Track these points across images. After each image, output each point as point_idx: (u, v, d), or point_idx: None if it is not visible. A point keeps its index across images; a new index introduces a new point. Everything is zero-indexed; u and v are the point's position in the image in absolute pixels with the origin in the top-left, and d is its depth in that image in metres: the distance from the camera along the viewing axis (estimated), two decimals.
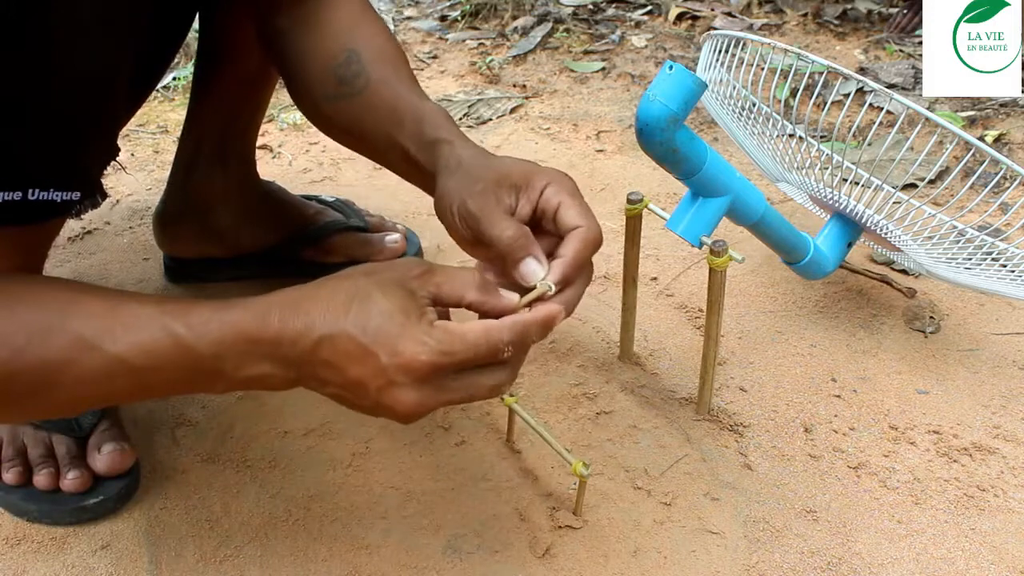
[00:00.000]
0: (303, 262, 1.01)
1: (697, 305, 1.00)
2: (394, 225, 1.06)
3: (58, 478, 0.76)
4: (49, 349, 0.50)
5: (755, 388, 0.89)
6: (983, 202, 1.14)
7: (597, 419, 0.85)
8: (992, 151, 0.76)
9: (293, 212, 1.01)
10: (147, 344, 0.51)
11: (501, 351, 0.53)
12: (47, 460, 0.76)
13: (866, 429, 0.85)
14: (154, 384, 0.53)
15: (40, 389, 0.51)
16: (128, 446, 0.78)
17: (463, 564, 0.72)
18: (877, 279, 1.04)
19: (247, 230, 1.00)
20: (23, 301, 0.51)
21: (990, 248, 0.88)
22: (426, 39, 1.78)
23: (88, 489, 0.75)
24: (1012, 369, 0.92)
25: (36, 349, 0.50)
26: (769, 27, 1.77)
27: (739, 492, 0.78)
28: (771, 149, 0.93)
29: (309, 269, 0.97)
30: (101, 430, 0.78)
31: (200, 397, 0.88)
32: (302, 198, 1.05)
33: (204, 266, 1.02)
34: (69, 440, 0.77)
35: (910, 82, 1.52)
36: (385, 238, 1.00)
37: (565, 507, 0.76)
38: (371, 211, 1.09)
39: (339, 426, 0.84)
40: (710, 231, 0.75)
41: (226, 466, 0.81)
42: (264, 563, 0.72)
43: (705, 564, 0.72)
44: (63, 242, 1.11)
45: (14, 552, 0.73)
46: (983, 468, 0.81)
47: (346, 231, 1.00)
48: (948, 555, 0.73)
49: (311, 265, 1.00)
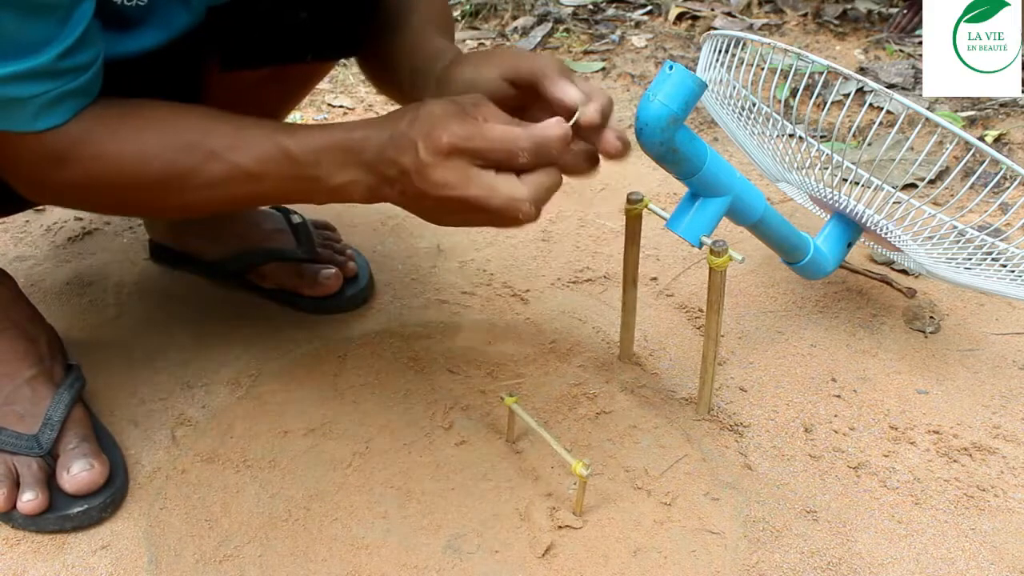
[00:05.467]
0: (246, 281, 1.01)
1: (697, 305, 1.00)
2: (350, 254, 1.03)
3: (15, 499, 0.74)
4: (189, 158, 0.64)
5: (755, 388, 0.89)
6: (983, 202, 1.14)
7: (597, 419, 0.85)
8: (992, 151, 0.76)
9: (243, 231, 1.01)
10: (262, 154, 0.64)
11: (516, 154, 0.60)
12: (3, 481, 0.74)
13: (866, 429, 0.85)
14: (266, 190, 0.66)
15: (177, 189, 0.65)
16: (98, 463, 0.76)
17: (463, 564, 0.72)
18: (877, 279, 1.04)
19: (200, 240, 1.01)
20: (169, 123, 0.65)
21: (990, 248, 0.88)
22: None
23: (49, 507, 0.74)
24: (1012, 369, 0.92)
25: (180, 158, 0.64)
26: (769, 27, 1.77)
27: (739, 492, 0.78)
28: (771, 149, 0.93)
29: (250, 288, 1.01)
30: (70, 447, 0.76)
31: (200, 397, 0.88)
32: (269, 211, 1.04)
33: (178, 257, 1.04)
34: (31, 460, 0.75)
35: (910, 82, 1.52)
36: (320, 271, 0.98)
37: (565, 507, 0.76)
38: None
39: (339, 426, 0.84)
40: (710, 231, 0.75)
41: (226, 466, 0.80)
42: (264, 563, 0.72)
43: (705, 564, 0.72)
44: (63, 242, 1.11)
45: (14, 552, 0.73)
46: (983, 468, 0.81)
47: (281, 260, 0.99)
48: (948, 555, 0.73)
49: (252, 285, 1.01)
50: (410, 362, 0.92)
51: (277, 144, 0.64)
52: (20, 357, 0.80)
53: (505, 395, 0.80)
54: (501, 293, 1.03)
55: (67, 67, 0.60)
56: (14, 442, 0.75)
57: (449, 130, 0.59)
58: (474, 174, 0.60)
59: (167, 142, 0.65)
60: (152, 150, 0.64)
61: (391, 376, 0.90)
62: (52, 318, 0.87)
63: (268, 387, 0.89)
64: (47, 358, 0.82)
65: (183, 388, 0.89)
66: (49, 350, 0.83)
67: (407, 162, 0.61)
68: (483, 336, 0.96)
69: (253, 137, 0.65)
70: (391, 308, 1.00)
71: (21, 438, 0.76)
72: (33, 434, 0.76)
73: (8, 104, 0.60)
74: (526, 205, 0.60)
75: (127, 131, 0.65)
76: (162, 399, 0.88)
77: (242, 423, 0.85)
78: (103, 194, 0.68)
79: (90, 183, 0.66)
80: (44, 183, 0.67)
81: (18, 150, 0.64)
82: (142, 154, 0.64)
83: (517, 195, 0.60)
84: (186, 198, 0.67)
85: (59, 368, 0.82)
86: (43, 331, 0.84)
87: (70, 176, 0.65)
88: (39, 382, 0.79)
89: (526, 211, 0.60)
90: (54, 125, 0.62)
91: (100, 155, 0.64)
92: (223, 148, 0.64)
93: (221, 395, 0.88)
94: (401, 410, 0.86)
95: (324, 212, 1.16)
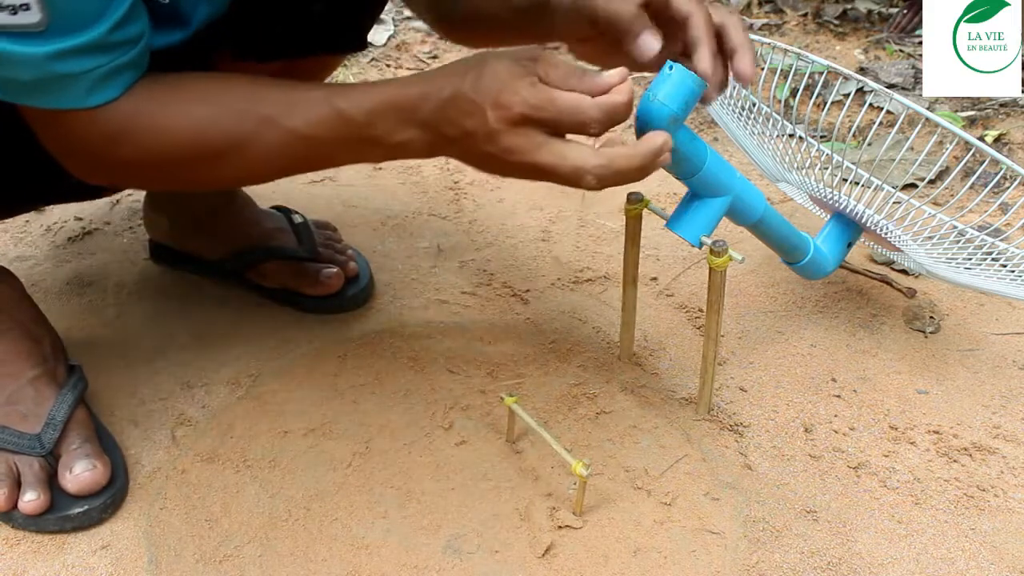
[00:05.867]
0: (245, 280, 1.01)
1: (697, 305, 1.00)
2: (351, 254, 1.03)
3: (16, 499, 0.74)
4: (243, 126, 0.64)
5: (755, 388, 0.89)
6: (983, 202, 1.14)
7: (597, 419, 0.85)
8: (992, 151, 0.76)
9: (244, 229, 1.01)
10: (317, 117, 0.63)
11: (587, 124, 0.60)
12: (4, 481, 0.74)
13: (866, 429, 0.85)
14: (323, 153, 0.66)
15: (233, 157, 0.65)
16: (100, 463, 0.76)
17: (463, 564, 0.72)
18: (877, 279, 1.04)
19: (200, 239, 1.01)
20: (221, 93, 0.66)
21: (990, 248, 0.88)
22: (426, 39, 1.78)
23: (50, 508, 0.74)
24: (1012, 369, 0.92)
25: (234, 127, 0.64)
26: (769, 27, 1.77)
27: (739, 492, 0.78)
28: (771, 149, 0.93)
29: (251, 287, 1.00)
30: (73, 448, 0.76)
31: (200, 397, 0.88)
32: (269, 211, 1.04)
33: (179, 256, 1.04)
34: (33, 460, 0.75)
35: (910, 82, 1.51)
36: (321, 270, 0.98)
37: (565, 507, 0.76)
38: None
39: (339, 426, 0.84)
40: (710, 231, 0.75)
41: (226, 466, 0.80)
42: (264, 563, 0.72)
43: (705, 564, 0.72)
44: (63, 242, 1.11)
45: (14, 552, 0.73)
46: (983, 468, 0.81)
47: (282, 258, 0.99)
48: (948, 555, 0.73)
49: (251, 284, 1.01)
50: (410, 362, 0.92)
51: (331, 106, 0.63)
52: (24, 357, 0.80)
53: (505, 395, 0.80)
54: (501, 293, 1.03)
55: (118, 40, 0.60)
56: (16, 441, 0.76)
57: (520, 97, 0.59)
58: (544, 141, 0.60)
59: (220, 111, 0.65)
60: (206, 120, 0.65)
61: (391, 376, 0.90)
62: (52, 318, 0.87)
63: (268, 387, 0.89)
64: (51, 359, 0.82)
65: (183, 388, 0.89)
66: (53, 351, 0.83)
67: (473, 125, 0.60)
68: (483, 336, 0.96)
69: (305, 100, 0.64)
70: (391, 308, 1.00)
71: (23, 437, 0.76)
72: (35, 434, 0.76)
73: (61, 81, 0.59)
74: (590, 177, 0.60)
75: (179, 103, 0.65)
76: (162, 399, 0.88)
77: (242, 423, 0.85)
78: (159, 168, 0.68)
79: (145, 158, 0.65)
80: (99, 161, 0.67)
81: (71, 129, 0.63)
82: (196, 125, 0.64)
83: (586, 165, 0.60)
84: (241, 166, 0.67)
85: (62, 369, 0.82)
86: (47, 332, 0.85)
87: (125, 152, 0.65)
88: (43, 382, 0.79)
89: (588, 182, 0.61)
90: (107, 100, 0.62)
91: (154, 128, 0.64)
92: (276, 113, 0.64)
93: (221, 395, 0.88)
94: (401, 410, 0.86)
95: (325, 212, 1.16)
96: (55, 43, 0.57)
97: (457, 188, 1.23)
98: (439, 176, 1.26)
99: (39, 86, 0.59)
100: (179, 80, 0.66)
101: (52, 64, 0.58)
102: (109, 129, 0.63)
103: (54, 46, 0.57)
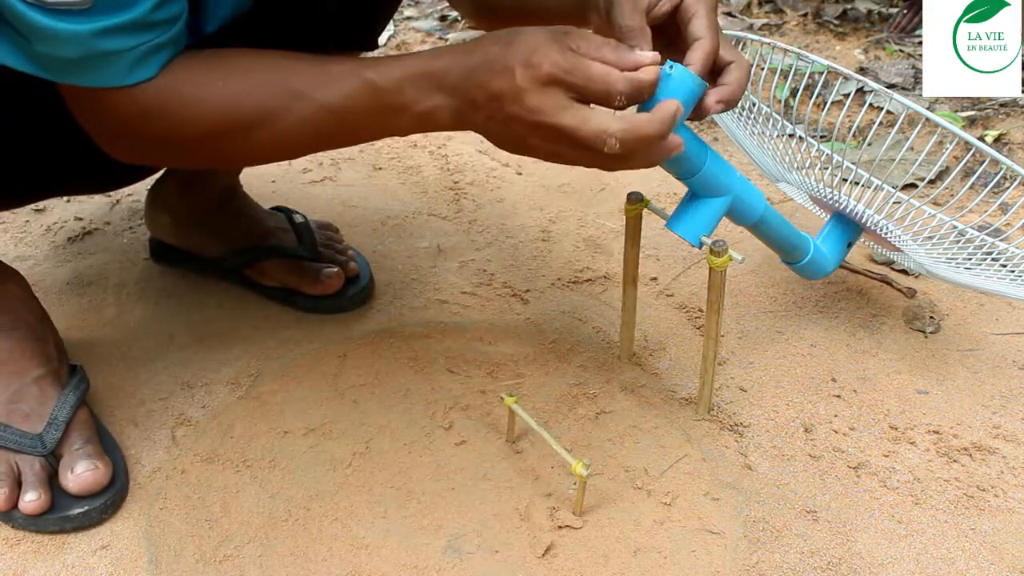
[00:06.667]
0: (245, 278, 1.01)
1: (697, 305, 1.00)
2: (351, 254, 1.03)
3: (16, 499, 0.74)
4: (274, 99, 0.65)
5: (755, 388, 0.89)
6: (983, 202, 1.14)
7: (597, 419, 0.85)
8: (992, 151, 0.76)
9: (245, 227, 1.01)
10: (346, 88, 0.64)
11: (614, 96, 0.61)
12: (4, 480, 0.74)
13: (866, 429, 0.85)
14: (353, 125, 0.66)
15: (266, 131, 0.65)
16: (102, 464, 0.76)
17: (463, 564, 0.72)
18: (877, 279, 1.04)
19: (201, 237, 1.01)
20: (253, 67, 0.66)
21: (990, 248, 0.88)
22: (426, 39, 1.78)
23: (50, 508, 0.74)
24: (1012, 369, 0.92)
25: (267, 100, 0.65)
26: (769, 27, 1.77)
27: (739, 492, 0.78)
28: (771, 149, 0.93)
29: (251, 286, 1.01)
30: (74, 448, 0.76)
31: (200, 397, 0.88)
32: (270, 211, 1.04)
33: (179, 254, 1.04)
34: (34, 459, 0.75)
35: (910, 82, 1.52)
36: (322, 270, 0.98)
37: (565, 507, 0.76)
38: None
39: (339, 426, 0.84)
40: (710, 231, 0.75)
41: (226, 466, 0.80)
42: (264, 563, 0.72)
43: (705, 564, 0.72)
44: (63, 242, 1.11)
45: (14, 552, 0.73)
46: (983, 468, 0.81)
47: (282, 257, 0.99)
48: (948, 555, 0.73)
49: (251, 282, 1.01)
50: (410, 362, 0.92)
51: (361, 77, 0.64)
52: (29, 356, 0.80)
53: (505, 395, 0.80)
54: (501, 293, 1.03)
55: (160, 19, 0.61)
56: (18, 440, 0.76)
57: (550, 58, 0.60)
58: (568, 104, 0.61)
59: (251, 85, 0.65)
60: (238, 93, 0.65)
61: (391, 376, 0.90)
62: (52, 318, 0.87)
63: (268, 387, 0.89)
64: (55, 359, 0.82)
65: (183, 388, 0.89)
66: (57, 351, 0.83)
67: (501, 86, 0.61)
68: (483, 336, 0.96)
69: (336, 73, 0.65)
70: (391, 308, 1.00)
71: (25, 436, 0.76)
72: (38, 433, 0.76)
73: (105, 58, 0.60)
74: (613, 140, 0.60)
75: (213, 77, 0.65)
76: (162, 399, 0.88)
77: (242, 423, 0.85)
78: (194, 144, 0.68)
79: (180, 131, 0.66)
80: (136, 139, 0.67)
81: (110, 107, 0.64)
82: (229, 97, 0.65)
83: (609, 128, 0.60)
84: (271, 140, 0.67)
85: (65, 369, 0.82)
86: (51, 332, 0.85)
87: (161, 128, 0.65)
88: (46, 382, 0.79)
89: (611, 145, 0.61)
90: (146, 78, 0.62)
91: (190, 104, 0.64)
92: (307, 86, 0.64)
93: (221, 395, 0.88)
94: (401, 410, 0.86)
95: (325, 212, 1.16)
96: (100, 20, 0.58)
97: (457, 188, 1.23)
98: (439, 176, 1.26)
99: (82, 64, 0.60)
100: (213, 55, 0.66)
101: (97, 41, 0.58)
102: (146, 106, 0.64)
103: (100, 23, 0.58)
